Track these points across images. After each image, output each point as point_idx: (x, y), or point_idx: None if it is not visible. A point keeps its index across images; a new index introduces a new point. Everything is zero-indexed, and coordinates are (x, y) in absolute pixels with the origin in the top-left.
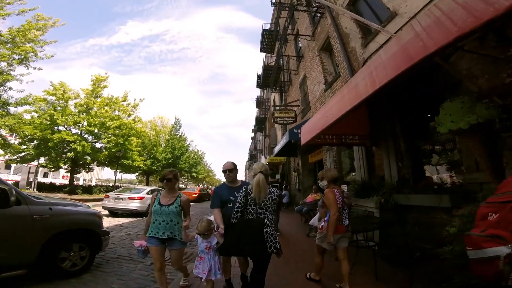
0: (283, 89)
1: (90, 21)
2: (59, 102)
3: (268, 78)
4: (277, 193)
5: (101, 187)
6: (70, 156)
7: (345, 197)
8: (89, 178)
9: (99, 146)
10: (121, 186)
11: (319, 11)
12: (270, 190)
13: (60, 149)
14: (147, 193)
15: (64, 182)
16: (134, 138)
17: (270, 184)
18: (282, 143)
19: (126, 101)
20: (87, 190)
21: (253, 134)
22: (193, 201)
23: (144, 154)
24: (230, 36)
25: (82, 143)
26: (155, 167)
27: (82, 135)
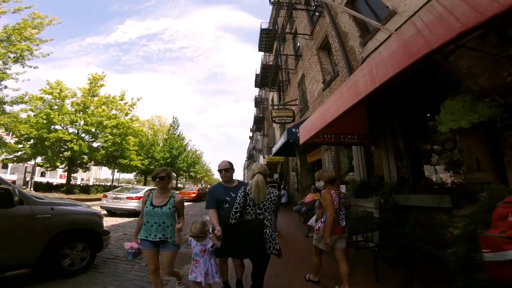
0: (281, 88)
1: (88, 19)
2: (56, 101)
3: (266, 77)
4: (276, 193)
5: (98, 187)
6: (67, 155)
7: (342, 197)
8: (86, 178)
9: (96, 145)
10: (119, 186)
11: (318, 10)
12: (269, 190)
13: (57, 148)
14: (147, 191)
15: (61, 182)
16: (131, 137)
17: (268, 184)
18: (280, 143)
19: (123, 100)
20: (85, 189)
21: (251, 134)
22: (191, 200)
23: (142, 154)
24: (229, 35)
25: (79, 142)
26: (153, 167)
27: (79, 134)
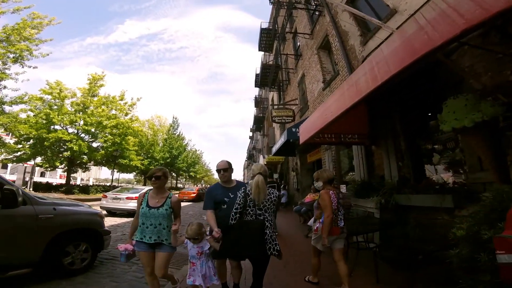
0: (281, 88)
1: (88, 19)
2: (55, 101)
3: (266, 77)
4: (276, 194)
5: (98, 187)
6: (66, 155)
7: (340, 198)
8: (86, 178)
9: (96, 145)
10: (118, 186)
11: (318, 9)
12: (270, 191)
13: (56, 148)
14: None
15: (61, 182)
16: (131, 137)
17: (267, 184)
18: (280, 143)
19: (123, 100)
20: (84, 189)
21: (251, 134)
22: (191, 200)
23: (141, 154)
24: (229, 35)
25: (78, 142)
26: (153, 167)
27: (78, 134)
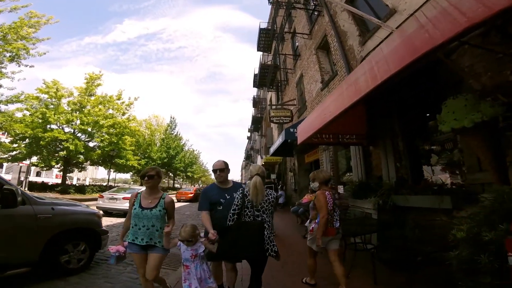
0: (280, 88)
1: (86, 19)
2: (52, 100)
3: (264, 77)
4: (274, 195)
5: (94, 187)
6: (62, 155)
7: (336, 198)
8: (83, 178)
9: (93, 145)
10: (115, 186)
11: (317, 9)
12: (267, 192)
13: (52, 147)
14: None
15: (57, 182)
16: (128, 137)
17: (265, 185)
18: (278, 143)
19: (120, 99)
20: (80, 189)
21: (249, 134)
22: (189, 200)
23: (138, 154)
24: (228, 35)
25: (75, 142)
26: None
27: (75, 134)
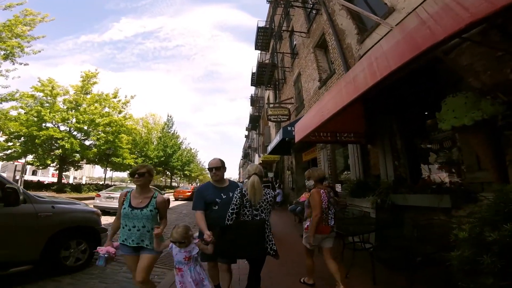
0: (277, 86)
1: (83, 17)
2: (47, 98)
3: (262, 75)
4: (272, 194)
5: (90, 186)
6: (58, 153)
7: (331, 197)
8: (79, 176)
9: (89, 143)
10: (112, 185)
11: (315, 8)
12: (265, 191)
13: (47, 146)
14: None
15: (53, 180)
16: (124, 135)
17: (262, 184)
18: (275, 141)
19: (116, 97)
20: (76, 188)
21: (247, 132)
22: (186, 199)
23: (135, 152)
24: (225, 34)
25: (70, 140)
26: None
27: (70, 132)
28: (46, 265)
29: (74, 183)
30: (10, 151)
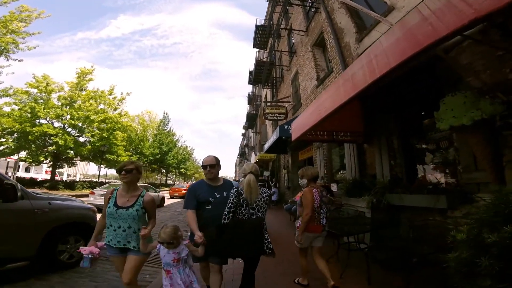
0: (275, 85)
1: (80, 14)
2: (42, 94)
3: (260, 74)
4: (268, 193)
5: (84, 183)
6: (51, 150)
7: (324, 196)
8: (73, 174)
9: (83, 140)
10: (106, 182)
11: (314, 6)
12: (262, 190)
13: (41, 142)
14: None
15: (46, 177)
16: (119, 132)
17: (258, 183)
18: (272, 140)
19: (112, 94)
20: (70, 185)
21: (244, 131)
22: (182, 197)
23: (130, 149)
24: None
25: (64, 137)
26: (142, 163)
27: (65, 129)
28: (43, 261)
29: (68, 180)
30: (2, 148)
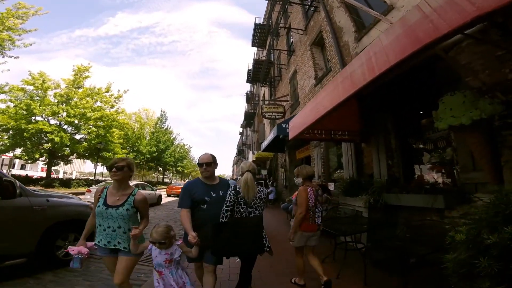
0: (273, 84)
1: (78, 12)
2: (38, 92)
3: (258, 72)
4: (265, 191)
5: (80, 181)
6: (47, 147)
7: (319, 195)
8: (70, 171)
9: (79, 137)
10: (103, 180)
11: (313, 5)
12: (259, 189)
13: (36, 140)
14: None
15: (42, 175)
16: (116, 130)
17: (255, 181)
18: (270, 138)
19: (109, 92)
20: (65, 183)
21: (241, 130)
22: (179, 195)
23: (127, 147)
24: (223, 31)
25: (60, 134)
26: (139, 161)
27: (61, 126)
28: (41, 258)
29: (64, 178)
30: None
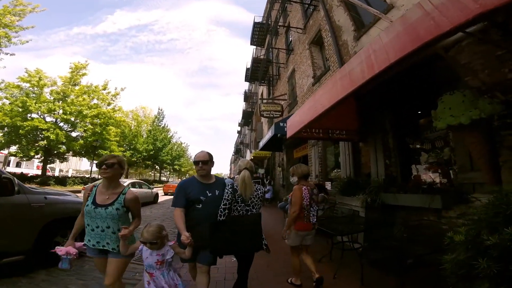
0: (271, 82)
1: (76, 9)
2: (34, 89)
3: (256, 71)
4: (262, 190)
5: (76, 179)
6: (42, 144)
7: (314, 194)
8: (66, 169)
9: (75, 135)
10: (99, 178)
11: (313, 4)
12: (256, 187)
13: (32, 137)
14: (127, 186)
15: (37, 173)
16: (112, 127)
17: (252, 179)
18: (267, 137)
19: (106, 89)
20: (61, 181)
21: (239, 128)
22: None
23: (124, 145)
24: (222, 29)
25: (56, 131)
26: (135, 159)
27: (57, 123)
28: (39, 255)
29: (59, 176)
30: None
